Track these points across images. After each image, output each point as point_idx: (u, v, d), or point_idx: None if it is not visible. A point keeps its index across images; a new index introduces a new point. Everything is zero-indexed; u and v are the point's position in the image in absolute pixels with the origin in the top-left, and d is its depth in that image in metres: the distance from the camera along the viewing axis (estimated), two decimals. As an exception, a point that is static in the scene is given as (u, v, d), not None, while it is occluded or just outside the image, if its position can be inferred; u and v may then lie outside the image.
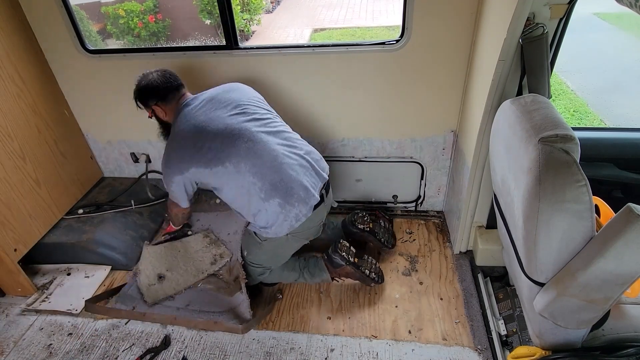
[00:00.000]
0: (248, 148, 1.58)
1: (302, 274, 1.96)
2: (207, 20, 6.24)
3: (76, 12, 2.32)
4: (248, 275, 1.88)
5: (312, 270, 1.95)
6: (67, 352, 1.78)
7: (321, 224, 1.81)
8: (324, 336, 1.77)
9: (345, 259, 1.88)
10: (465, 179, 1.86)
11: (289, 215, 1.61)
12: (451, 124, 2.06)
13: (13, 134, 1.97)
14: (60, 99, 2.28)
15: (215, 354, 1.73)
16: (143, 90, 1.75)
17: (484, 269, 1.99)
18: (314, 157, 1.73)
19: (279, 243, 1.74)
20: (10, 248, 1.94)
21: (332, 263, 1.90)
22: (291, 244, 1.80)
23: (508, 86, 1.49)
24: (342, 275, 1.92)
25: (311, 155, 1.72)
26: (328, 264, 1.92)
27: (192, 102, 1.71)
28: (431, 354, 1.67)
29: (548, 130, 1.03)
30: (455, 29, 1.76)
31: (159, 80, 1.73)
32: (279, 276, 1.98)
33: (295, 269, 1.97)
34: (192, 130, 1.63)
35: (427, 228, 2.32)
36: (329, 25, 7.02)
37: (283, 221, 1.62)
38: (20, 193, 2.00)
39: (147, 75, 1.76)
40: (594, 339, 1.25)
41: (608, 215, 1.20)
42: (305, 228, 1.70)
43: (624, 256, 0.94)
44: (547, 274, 1.11)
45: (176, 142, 1.65)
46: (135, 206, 2.39)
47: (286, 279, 1.99)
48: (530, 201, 1.03)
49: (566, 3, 1.32)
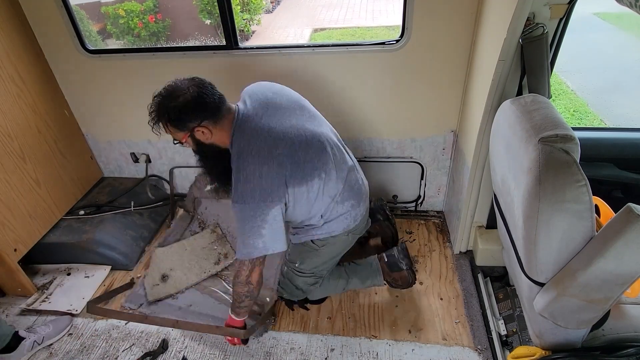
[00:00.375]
0: (334, 154, 1.47)
1: (350, 280, 1.82)
2: (207, 20, 6.24)
3: (76, 12, 2.32)
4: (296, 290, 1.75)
5: (363, 274, 1.83)
6: (67, 352, 1.78)
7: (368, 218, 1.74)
8: (324, 336, 1.77)
9: (408, 263, 1.79)
10: (465, 179, 1.86)
11: (351, 215, 1.56)
12: (451, 124, 2.06)
13: (13, 134, 1.97)
14: (60, 99, 2.28)
15: (215, 354, 1.73)
16: (183, 109, 1.30)
17: (484, 269, 1.99)
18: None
19: (339, 243, 1.63)
20: (10, 248, 1.94)
21: (394, 266, 1.79)
22: (350, 242, 1.69)
23: (508, 86, 1.49)
24: (396, 278, 1.81)
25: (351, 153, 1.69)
26: (386, 267, 1.81)
27: (249, 112, 1.39)
28: (431, 354, 1.67)
29: (548, 130, 1.03)
30: (455, 29, 1.76)
31: (201, 92, 1.32)
32: (326, 288, 1.81)
33: (342, 275, 1.82)
34: (279, 144, 1.33)
35: (427, 228, 2.32)
36: (329, 25, 7.02)
37: (344, 219, 1.54)
38: (20, 193, 2.00)
39: (178, 87, 1.33)
40: (594, 339, 1.25)
41: (608, 215, 1.20)
42: (361, 224, 1.65)
43: (624, 256, 0.94)
44: (547, 274, 1.11)
45: (266, 164, 1.31)
46: (135, 208, 2.39)
47: (334, 289, 1.83)
48: (530, 201, 1.03)
49: (566, 3, 1.32)
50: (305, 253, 1.66)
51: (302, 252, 1.67)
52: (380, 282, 1.85)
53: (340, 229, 1.57)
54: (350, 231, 1.62)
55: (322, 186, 1.43)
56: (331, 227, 1.56)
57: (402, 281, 1.84)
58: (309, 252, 1.65)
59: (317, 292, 1.81)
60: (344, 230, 1.58)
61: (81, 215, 2.31)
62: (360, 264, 1.87)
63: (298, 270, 1.70)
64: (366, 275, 1.84)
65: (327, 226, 1.56)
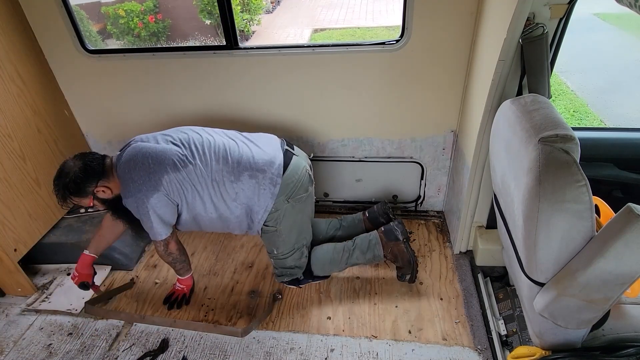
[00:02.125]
0: (205, 141, 1.66)
1: (352, 253, 1.89)
2: (207, 20, 6.24)
3: (76, 12, 2.32)
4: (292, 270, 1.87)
5: (363, 247, 1.89)
6: (67, 352, 1.78)
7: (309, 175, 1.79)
8: (324, 336, 1.77)
9: (404, 234, 1.87)
10: (465, 179, 1.86)
11: (265, 182, 1.65)
12: (451, 124, 2.06)
13: (13, 134, 1.97)
14: (60, 99, 2.28)
15: (215, 354, 1.73)
16: (76, 180, 1.57)
17: (484, 269, 1.99)
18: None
19: (288, 213, 1.73)
20: (10, 248, 1.94)
21: (390, 235, 1.87)
22: (300, 208, 1.77)
23: (508, 86, 1.49)
24: (394, 251, 1.87)
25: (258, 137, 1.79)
26: (383, 237, 1.88)
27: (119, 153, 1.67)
28: (431, 354, 1.67)
29: (548, 130, 1.03)
30: (455, 29, 1.76)
31: (83, 162, 1.61)
32: (328, 263, 1.91)
33: (345, 248, 1.90)
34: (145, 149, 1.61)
35: (427, 228, 2.32)
36: (329, 25, 7.02)
37: (262, 190, 1.65)
38: (20, 193, 2.00)
39: (65, 167, 1.61)
40: (594, 339, 1.25)
41: (608, 215, 1.20)
42: (293, 183, 1.70)
43: (624, 256, 0.94)
44: (547, 274, 1.11)
45: (131, 162, 1.60)
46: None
47: (336, 264, 1.90)
48: (530, 201, 1.03)
49: (566, 3, 1.32)
50: (271, 239, 1.79)
51: (269, 239, 1.79)
52: (380, 254, 1.88)
53: (269, 200, 1.67)
54: (285, 196, 1.69)
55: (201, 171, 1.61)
56: (261, 205, 1.68)
57: (402, 257, 1.86)
58: (272, 235, 1.77)
59: (318, 264, 1.90)
60: (272, 198, 1.67)
61: (82, 213, 2.31)
62: (360, 237, 1.94)
63: (281, 255, 1.84)
64: (366, 247, 1.90)
65: (256, 206, 1.69)
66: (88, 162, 1.61)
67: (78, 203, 1.66)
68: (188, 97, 2.17)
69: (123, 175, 1.61)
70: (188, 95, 2.16)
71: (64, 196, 1.60)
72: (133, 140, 1.71)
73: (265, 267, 2.14)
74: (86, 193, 1.61)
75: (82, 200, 1.64)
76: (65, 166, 1.61)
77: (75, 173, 1.58)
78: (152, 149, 1.62)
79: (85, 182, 1.59)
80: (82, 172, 1.58)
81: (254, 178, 1.64)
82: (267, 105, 2.15)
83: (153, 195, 1.58)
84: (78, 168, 1.59)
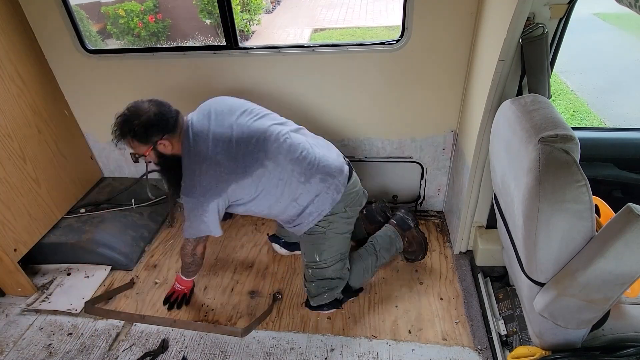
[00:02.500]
0: (279, 144, 1.57)
1: (379, 254, 1.89)
2: (207, 20, 6.24)
3: (76, 12, 2.32)
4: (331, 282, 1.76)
5: (386, 245, 1.93)
6: (67, 352, 1.78)
7: (363, 192, 1.79)
8: (324, 336, 1.77)
9: (414, 220, 1.98)
10: (465, 179, 1.86)
11: (331, 188, 1.62)
12: (451, 124, 2.06)
13: (13, 134, 1.97)
14: (60, 99, 2.28)
15: (215, 354, 1.73)
16: (147, 125, 1.47)
17: (484, 269, 1.99)
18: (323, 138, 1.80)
19: (340, 219, 1.69)
20: (10, 248, 1.94)
21: (404, 225, 1.96)
22: (350, 215, 1.73)
23: (508, 86, 1.49)
24: (409, 238, 1.96)
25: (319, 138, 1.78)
26: (399, 228, 1.96)
27: (195, 121, 1.57)
28: (431, 354, 1.67)
29: (548, 130, 1.03)
30: (455, 29, 1.76)
31: (159, 109, 1.50)
32: (362, 272, 1.86)
33: (370, 252, 1.90)
34: (217, 144, 1.51)
35: (427, 228, 2.32)
36: (329, 25, 7.02)
37: (324, 195, 1.62)
38: (20, 193, 2.00)
39: (139, 107, 1.49)
40: (594, 339, 1.25)
41: (608, 215, 1.20)
42: (352, 195, 1.70)
43: (624, 256, 0.94)
44: (547, 274, 1.11)
45: (204, 163, 1.51)
46: (136, 205, 2.39)
47: (369, 270, 1.88)
48: (530, 201, 1.03)
49: (566, 3, 1.32)
50: (316, 243, 1.72)
51: (314, 243, 1.72)
52: (401, 245, 1.97)
53: (327, 205, 1.64)
54: (344, 203, 1.68)
55: (272, 173, 1.55)
56: (318, 207, 1.64)
57: (416, 243, 1.97)
58: (319, 238, 1.71)
59: (353, 276, 1.84)
60: (331, 204, 1.64)
61: (82, 213, 2.31)
62: (379, 236, 1.97)
63: (323, 263, 1.75)
64: (389, 243, 1.95)
65: (312, 208, 1.64)
66: (164, 112, 1.50)
67: (133, 149, 1.55)
68: (188, 97, 2.17)
69: (190, 172, 1.52)
70: (188, 95, 2.16)
71: (123, 135, 1.49)
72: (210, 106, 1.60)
73: (265, 267, 2.14)
74: (149, 142, 1.50)
75: (141, 147, 1.52)
76: (139, 107, 1.49)
77: (149, 117, 1.46)
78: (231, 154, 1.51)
79: (155, 130, 1.48)
80: (157, 118, 1.47)
81: (324, 182, 1.61)
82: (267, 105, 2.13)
83: (214, 200, 1.52)
84: (153, 113, 1.47)
